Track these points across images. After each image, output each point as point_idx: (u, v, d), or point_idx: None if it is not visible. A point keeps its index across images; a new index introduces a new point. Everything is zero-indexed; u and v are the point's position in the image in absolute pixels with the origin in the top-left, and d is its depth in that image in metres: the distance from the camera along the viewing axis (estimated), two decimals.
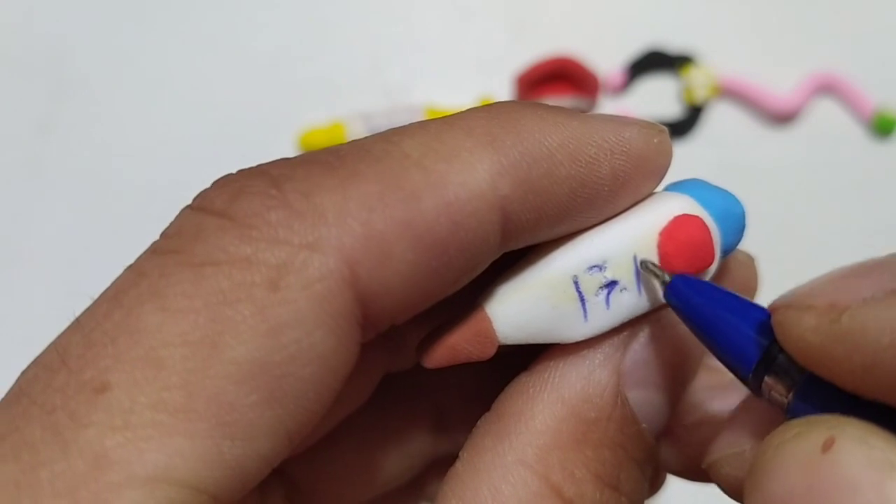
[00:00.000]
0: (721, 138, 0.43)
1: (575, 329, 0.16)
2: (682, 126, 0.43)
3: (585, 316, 0.16)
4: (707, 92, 0.43)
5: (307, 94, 0.44)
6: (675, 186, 0.17)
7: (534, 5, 0.46)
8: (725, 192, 0.17)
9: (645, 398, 0.16)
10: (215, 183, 0.15)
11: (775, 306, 0.13)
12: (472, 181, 0.14)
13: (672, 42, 0.45)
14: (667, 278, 0.15)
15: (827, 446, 0.11)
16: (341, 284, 0.13)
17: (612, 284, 0.16)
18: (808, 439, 0.12)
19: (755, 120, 0.44)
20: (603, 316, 0.16)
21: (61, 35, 0.45)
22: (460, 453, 0.16)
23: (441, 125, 0.15)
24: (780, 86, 0.43)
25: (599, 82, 0.43)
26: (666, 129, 0.17)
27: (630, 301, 0.16)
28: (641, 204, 0.17)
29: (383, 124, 0.41)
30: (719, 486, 0.15)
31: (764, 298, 0.42)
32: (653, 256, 0.16)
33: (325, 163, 0.14)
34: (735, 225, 0.17)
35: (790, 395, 0.13)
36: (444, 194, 0.14)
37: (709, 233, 0.16)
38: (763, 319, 0.14)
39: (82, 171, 0.42)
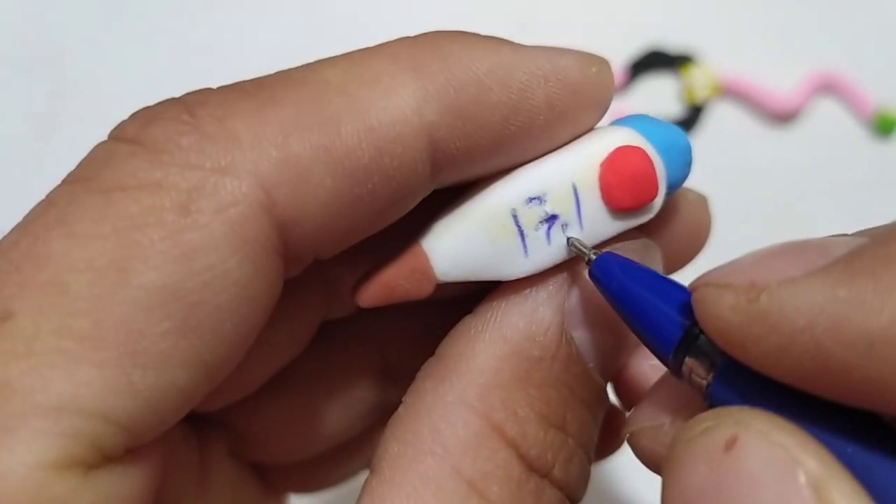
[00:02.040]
0: (721, 138, 0.43)
1: (515, 265, 0.15)
2: (683, 125, 0.43)
3: (525, 251, 0.15)
4: (708, 91, 0.43)
5: None
6: (619, 121, 0.17)
7: (534, 5, 0.46)
8: (670, 125, 0.17)
9: (592, 338, 0.16)
10: (132, 114, 0.14)
11: (695, 284, 0.13)
12: (396, 106, 0.14)
13: (672, 41, 0.45)
14: (592, 256, 0.15)
15: (730, 444, 0.11)
16: (256, 209, 0.13)
17: (552, 218, 0.15)
18: (713, 436, 0.12)
19: (756, 119, 0.44)
20: (544, 251, 0.15)
21: (61, 35, 0.45)
22: (404, 397, 0.15)
23: (365, 53, 0.14)
24: (780, 85, 0.43)
25: None
26: (607, 61, 0.16)
27: (572, 234, 0.15)
28: (583, 137, 0.16)
29: None
30: (638, 457, 0.15)
31: None
32: (594, 188, 0.15)
33: (242, 90, 0.14)
34: (681, 158, 0.17)
35: (709, 378, 0.13)
36: (365, 119, 0.13)
37: (651, 164, 0.16)
38: (687, 301, 0.14)
39: None
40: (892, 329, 0.10)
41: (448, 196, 0.16)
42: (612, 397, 0.21)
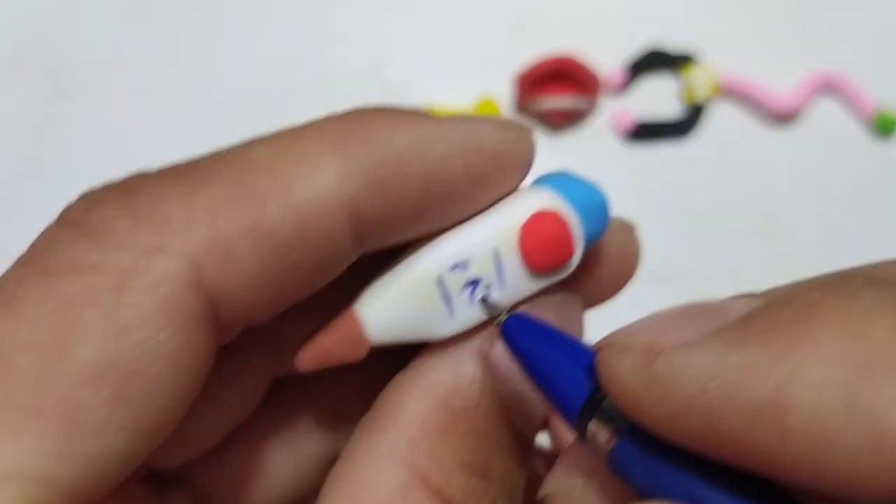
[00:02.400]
0: (722, 138, 0.43)
1: (443, 327, 0.16)
2: (683, 126, 0.43)
3: (452, 314, 0.16)
4: (708, 91, 0.43)
5: (307, 94, 0.44)
6: (541, 180, 0.18)
7: (534, 5, 0.46)
8: (588, 183, 0.18)
9: (515, 389, 0.16)
10: (78, 197, 0.15)
11: (599, 345, 0.13)
12: (318, 183, 0.15)
13: (673, 41, 0.45)
14: (502, 317, 0.16)
15: None
16: (186, 286, 0.14)
17: (475, 282, 0.16)
18: None
19: (756, 119, 0.44)
20: (469, 313, 0.16)
21: (61, 37, 0.45)
22: (342, 450, 0.16)
23: (295, 132, 0.16)
24: (780, 85, 0.43)
25: (600, 82, 0.43)
26: (527, 127, 0.17)
27: (495, 296, 0.16)
28: (504, 201, 0.17)
29: None
30: None
31: None
32: (514, 251, 0.16)
33: (177, 173, 0.15)
34: (598, 214, 0.18)
35: (613, 443, 0.13)
36: (289, 196, 0.15)
37: (567, 227, 0.17)
38: (594, 364, 0.14)
39: (81, 172, 0.42)
40: (777, 396, 0.11)
41: (383, 259, 0.17)
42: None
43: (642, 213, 0.42)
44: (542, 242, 0.16)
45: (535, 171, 0.18)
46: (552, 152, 0.43)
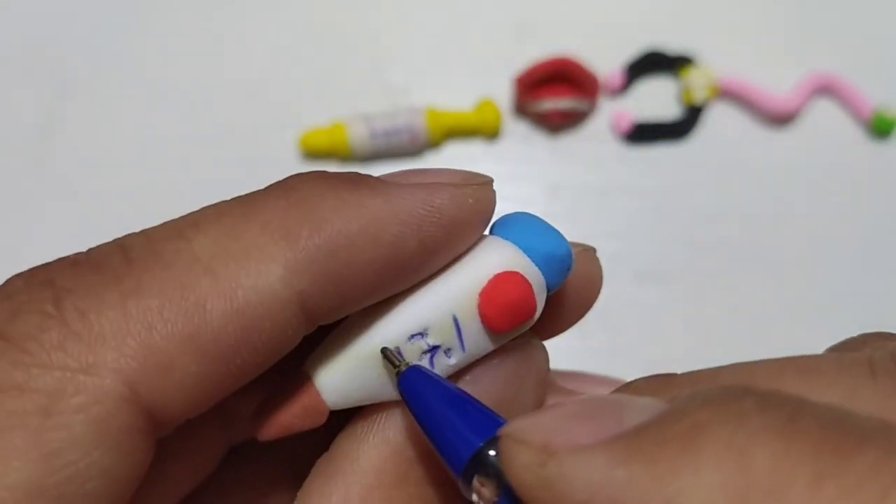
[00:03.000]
0: (720, 139, 0.43)
1: None
2: (682, 127, 0.43)
3: None
4: (706, 93, 0.43)
5: (308, 95, 0.44)
6: (502, 226, 0.17)
7: (534, 6, 0.46)
8: (552, 232, 0.17)
9: None
10: (1, 290, 0.15)
11: (501, 432, 0.13)
12: (264, 284, 0.14)
13: (671, 43, 0.45)
14: (402, 368, 0.16)
15: None
16: (119, 403, 0.13)
17: (434, 349, 0.16)
18: None
19: (754, 121, 0.44)
20: None
21: (63, 38, 0.45)
22: (298, 493, 0.16)
23: (238, 217, 0.15)
24: (778, 87, 0.43)
25: (599, 83, 0.43)
26: (487, 180, 0.16)
27: (455, 359, 0.16)
28: (463, 259, 0.16)
29: (384, 126, 0.41)
30: None
31: (768, 298, 0.42)
32: (474, 316, 0.16)
33: (111, 271, 0.14)
34: (560, 265, 0.17)
35: (495, 498, 0.13)
36: (232, 300, 0.14)
37: (529, 288, 0.16)
38: (483, 422, 0.14)
39: (84, 172, 0.42)
40: None
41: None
42: None
43: (641, 213, 0.42)
44: (502, 308, 0.16)
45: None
46: (551, 154, 0.43)
